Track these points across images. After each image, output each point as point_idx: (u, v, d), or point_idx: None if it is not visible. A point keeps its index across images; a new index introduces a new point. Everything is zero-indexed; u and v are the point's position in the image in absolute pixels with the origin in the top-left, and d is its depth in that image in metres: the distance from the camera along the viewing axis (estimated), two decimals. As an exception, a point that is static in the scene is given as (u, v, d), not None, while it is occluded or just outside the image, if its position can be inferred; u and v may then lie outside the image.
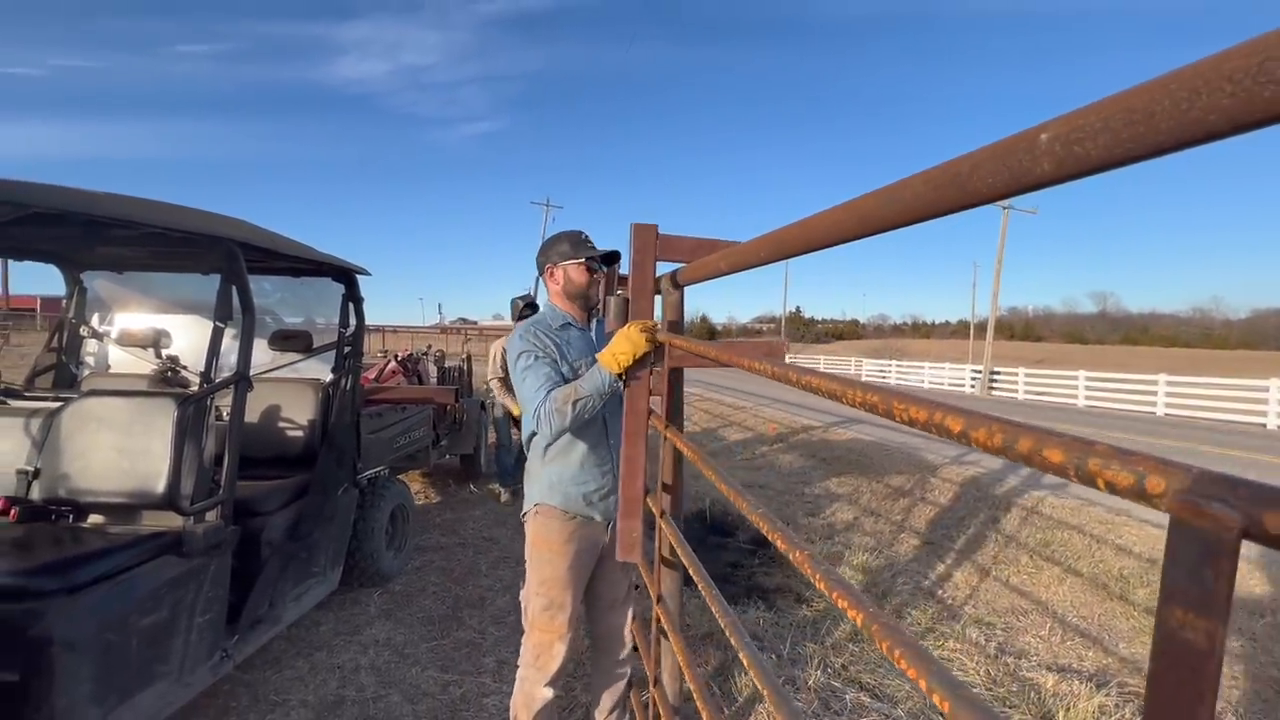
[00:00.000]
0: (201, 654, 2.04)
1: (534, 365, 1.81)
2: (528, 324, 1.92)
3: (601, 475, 1.92)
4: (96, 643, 1.68)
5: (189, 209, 2.00)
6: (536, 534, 1.88)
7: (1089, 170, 0.48)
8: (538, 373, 1.80)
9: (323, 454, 2.74)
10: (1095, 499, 5.22)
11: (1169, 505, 0.41)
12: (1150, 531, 4.38)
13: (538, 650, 1.84)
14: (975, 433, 0.57)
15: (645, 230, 1.80)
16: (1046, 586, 3.70)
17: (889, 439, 8.27)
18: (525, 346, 1.84)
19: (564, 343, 1.90)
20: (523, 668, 1.88)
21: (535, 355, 1.82)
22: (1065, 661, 2.98)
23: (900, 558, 4.24)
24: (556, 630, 1.84)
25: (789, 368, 1.03)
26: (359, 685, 2.50)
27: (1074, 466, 0.47)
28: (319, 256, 2.69)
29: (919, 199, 0.68)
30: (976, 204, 0.63)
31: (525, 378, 1.80)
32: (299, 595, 2.60)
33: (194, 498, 2.01)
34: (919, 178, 0.69)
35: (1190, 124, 0.37)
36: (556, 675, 1.84)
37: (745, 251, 1.24)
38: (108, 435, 2.05)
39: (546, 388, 1.76)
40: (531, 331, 1.88)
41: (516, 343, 1.87)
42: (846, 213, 0.83)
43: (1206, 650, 0.39)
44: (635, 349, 1.68)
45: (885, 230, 0.80)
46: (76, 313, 3.01)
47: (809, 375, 0.98)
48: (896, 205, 0.72)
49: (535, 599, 1.85)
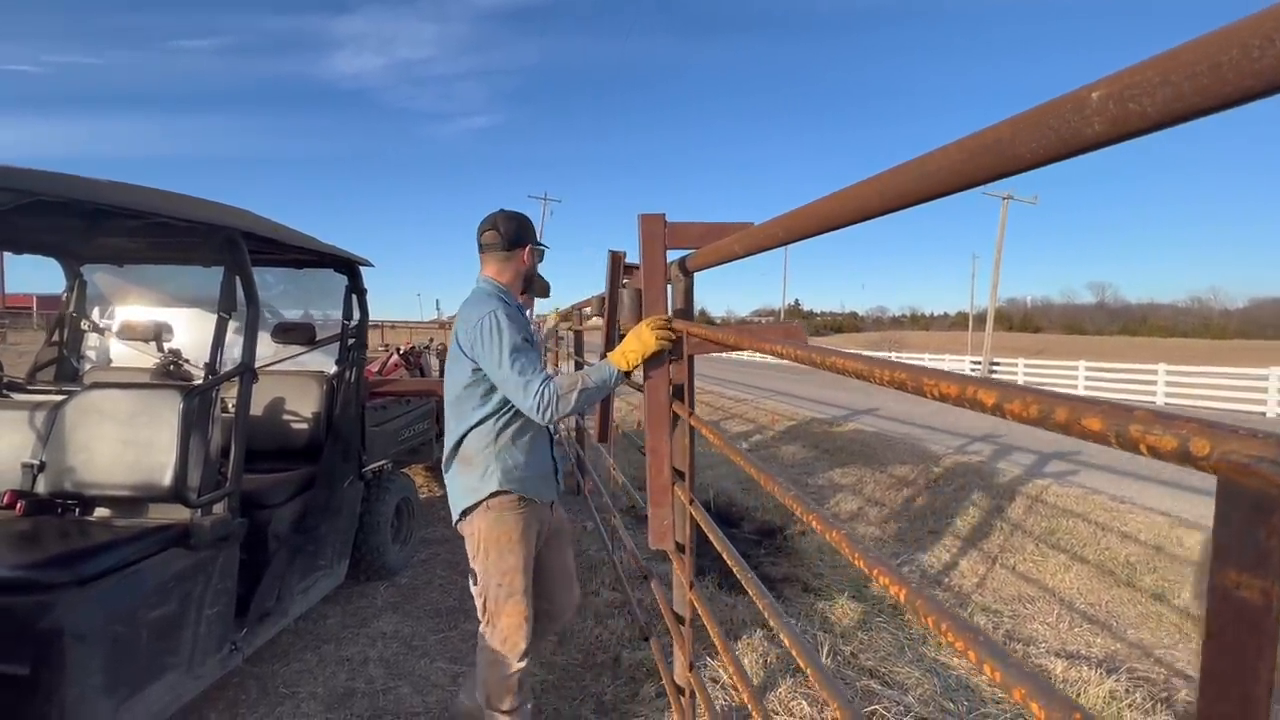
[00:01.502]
0: (211, 646, 2.04)
1: (525, 348, 1.78)
2: (501, 302, 1.83)
3: (549, 456, 1.96)
4: (106, 635, 1.67)
5: (193, 198, 1.98)
6: (495, 527, 1.83)
7: (1146, 128, 0.46)
8: (530, 356, 1.77)
9: (328, 447, 2.72)
10: (1099, 487, 5.22)
11: (1215, 466, 0.40)
12: (1154, 519, 4.38)
13: (505, 634, 1.84)
14: (1010, 405, 0.56)
15: (653, 220, 1.79)
16: (1053, 574, 3.71)
17: (891, 430, 8.27)
18: (513, 327, 1.78)
19: (521, 324, 1.86)
20: (489, 654, 1.86)
21: (524, 337, 1.79)
22: (1074, 648, 2.98)
23: (906, 547, 4.25)
24: (522, 613, 1.85)
25: (814, 349, 1.02)
26: (368, 677, 2.50)
27: (1114, 433, 0.46)
28: (322, 247, 2.67)
29: (952, 169, 0.66)
30: (1017, 171, 0.61)
31: (516, 359, 1.74)
32: (306, 588, 2.59)
33: (200, 490, 2.00)
34: (953, 146, 0.67)
35: (1263, 73, 0.36)
36: (527, 649, 1.87)
37: (761, 233, 1.23)
38: (112, 428, 2.03)
39: (544, 372, 1.75)
40: (511, 310, 1.83)
41: (489, 323, 1.76)
42: (870, 187, 0.81)
43: (1264, 607, 0.38)
44: (645, 349, 1.67)
45: (914, 204, 0.78)
46: (77, 307, 2.99)
47: (834, 356, 0.97)
48: (928, 177, 0.71)
49: (497, 589, 1.83)
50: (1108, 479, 5.56)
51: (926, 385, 0.68)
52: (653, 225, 1.77)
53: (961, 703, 2.48)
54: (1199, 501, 4.85)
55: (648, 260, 1.78)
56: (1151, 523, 4.31)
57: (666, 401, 1.79)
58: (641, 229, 1.78)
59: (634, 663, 2.60)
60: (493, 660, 1.86)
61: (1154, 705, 2.39)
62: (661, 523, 1.84)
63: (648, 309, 1.78)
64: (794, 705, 2.26)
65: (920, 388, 0.71)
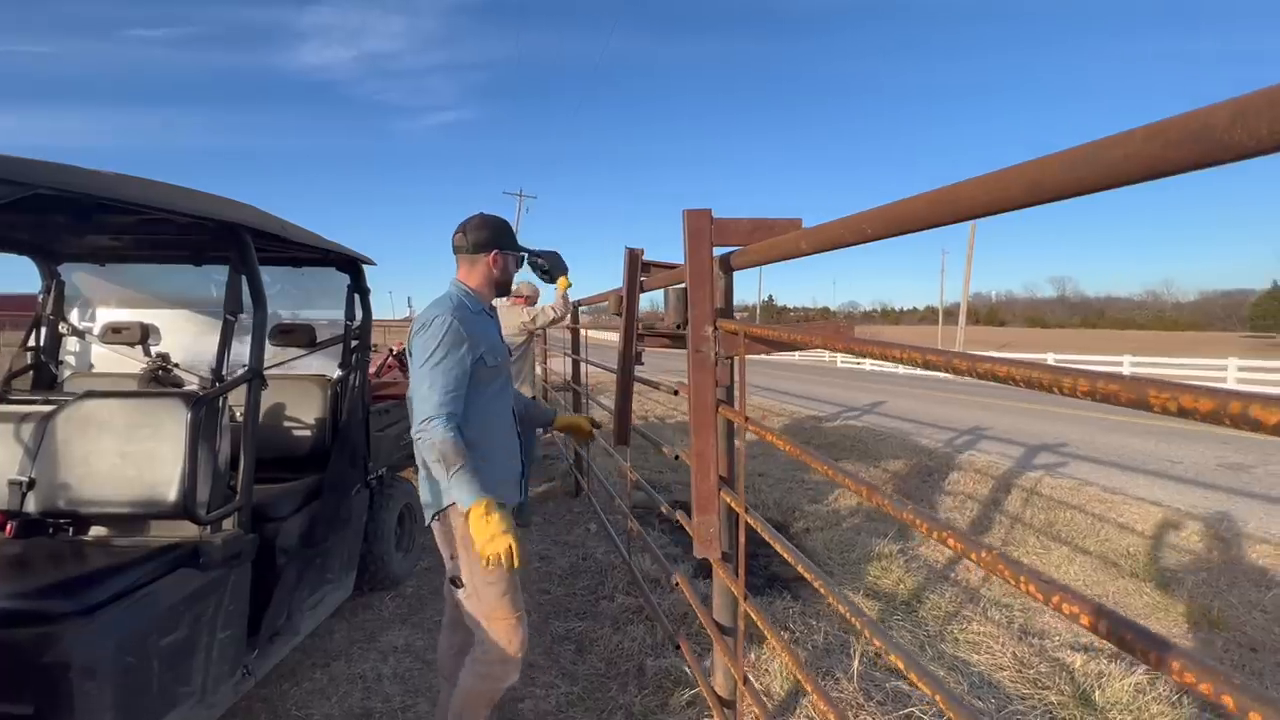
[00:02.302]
0: (224, 672, 1.91)
1: (446, 364, 1.68)
2: (455, 305, 1.78)
3: (515, 462, 1.94)
4: (116, 667, 1.54)
5: (198, 192, 1.83)
6: None
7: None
8: (448, 376, 1.68)
9: (335, 454, 2.59)
10: (1089, 478, 5.33)
11: None
12: (1148, 509, 4.48)
13: (508, 636, 1.79)
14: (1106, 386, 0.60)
15: (699, 215, 1.72)
16: (1057, 566, 3.75)
17: (880, 425, 8.35)
18: (447, 336, 1.70)
19: (478, 332, 1.79)
20: (488, 665, 1.79)
21: (450, 351, 1.69)
22: (1086, 640, 3.01)
23: (910, 542, 4.26)
24: (518, 612, 1.82)
25: (878, 344, 0.98)
26: (384, 695, 2.38)
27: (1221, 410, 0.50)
28: (327, 245, 2.53)
29: (1138, 158, 0.61)
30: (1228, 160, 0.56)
31: (435, 376, 1.67)
32: (315, 604, 2.46)
33: (210, 506, 1.86)
34: (1139, 133, 0.61)
35: None
36: (522, 659, 1.84)
37: (842, 229, 1.16)
38: (110, 440, 1.88)
39: (449, 406, 1.66)
40: (459, 317, 1.74)
41: (438, 325, 1.71)
42: (1014, 176, 0.75)
43: None
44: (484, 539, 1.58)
45: (1072, 196, 0.72)
46: (54, 309, 2.79)
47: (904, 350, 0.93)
48: (1098, 166, 0.65)
49: (489, 588, 1.77)
50: (1095, 470, 5.68)
51: (1015, 375, 0.71)
52: (698, 221, 1.70)
53: (989, 700, 2.47)
54: (1187, 490, 4.99)
55: (693, 257, 1.70)
56: (1146, 513, 4.40)
57: (713, 405, 1.72)
58: (687, 225, 1.71)
59: (660, 671, 2.53)
60: (486, 673, 1.80)
61: (1179, 697, 2.41)
62: (708, 530, 1.77)
63: (693, 307, 1.71)
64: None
65: (1011, 377, 0.71)
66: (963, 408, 10.61)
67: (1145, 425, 8.68)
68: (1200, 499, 4.74)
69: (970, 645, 2.92)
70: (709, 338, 1.69)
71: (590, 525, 4.36)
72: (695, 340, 1.69)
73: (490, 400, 1.85)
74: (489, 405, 1.84)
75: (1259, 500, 4.74)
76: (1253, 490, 5.00)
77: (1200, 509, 4.48)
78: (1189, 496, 4.80)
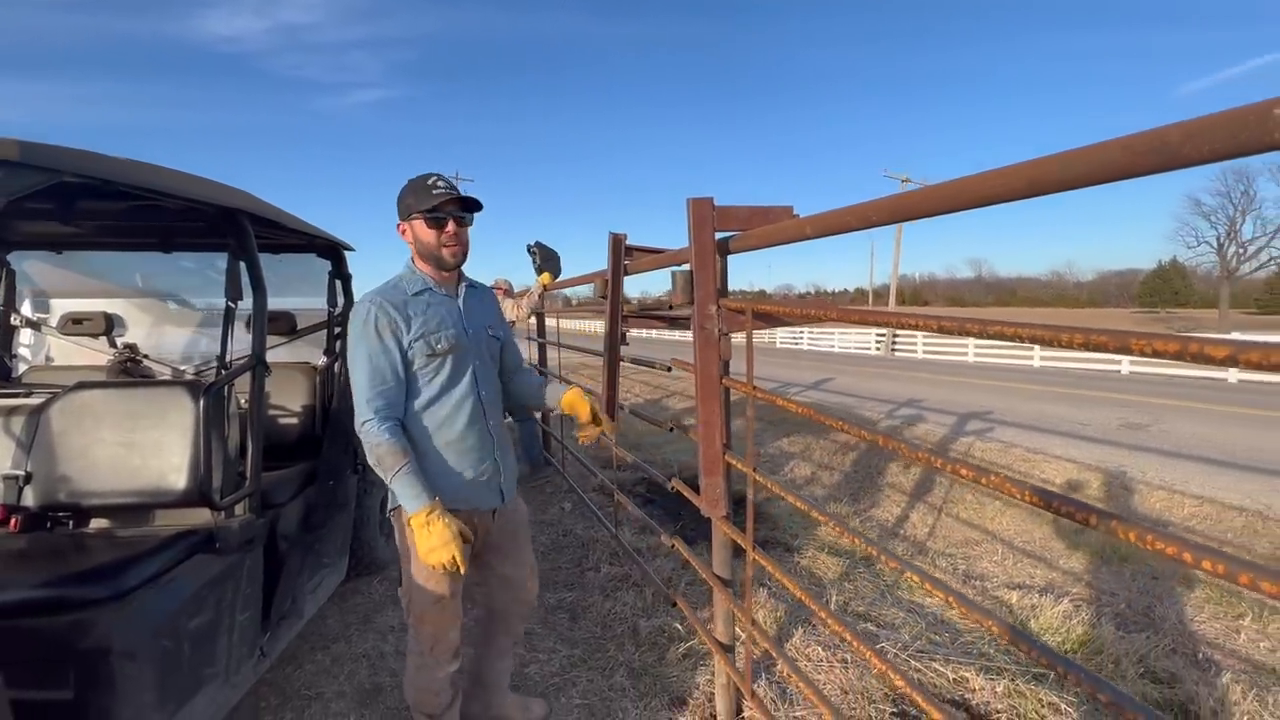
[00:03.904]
0: (244, 653, 1.94)
1: (367, 358, 1.59)
2: (382, 290, 1.68)
3: (481, 460, 1.74)
4: (151, 650, 1.56)
5: (197, 177, 1.82)
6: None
7: None
8: (372, 371, 1.59)
9: (327, 439, 2.60)
10: (1015, 441, 5.89)
11: None
12: (1064, 465, 5.03)
13: (433, 640, 1.74)
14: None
15: (702, 203, 1.86)
16: (992, 519, 4.19)
17: (825, 400, 8.82)
18: (365, 328, 1.61)
19: (415, 313, 1.65)
20: (416, 657, 1.77)
21: (369, 344, 1.60)
22: (1020, 580, 3.41)
23: (863, 504, 4.62)
24: (448, 620, 1.75)
25: (861, 312, 1.14)
26: (391, 671, 2.45)
27: None
28: (312, 230, 2.52)
29: (1114, 163, 0.79)
30: (1179, 168, 0.75)
31: (356, 375, 1.61)
32: (315, 587, 2.49)
33: (223, 491, 1.88)
34: (1116, 143, 0.79)
35: None
36: (455, 653, 1.80)
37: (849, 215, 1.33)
38: (110, 431, 1.86)
39: (377, 403, 1.58)
40: (384, 301, 1.63)
41: (354, 317, 1.64)
42: (1016, 172, 0.93)
43: None
44: (427, 547, 1.56)
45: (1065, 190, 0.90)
46: (5, 299, 2.64)
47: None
48: (1088, 165, 0.83)
49: (420, 593, 1.71)
50: (1019, 433, 6.28)
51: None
52: (702, 208, 1.85)
53: (944, 634, 2.79)
54: (1095, 448, 5.61)
55: (698, 243, 1.85)
56: (1064, 469, 4.94)
57: (718, 376, 1.89)
58: (691, 212, 1.85)
59: (654, 630, 2.71)
60: (418, 665, 1.78)
61: (1099, 619, 2.81)
62: (714, 491, 1.95)
63: (699, 288, 1.86)
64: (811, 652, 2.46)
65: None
66: (897, 382, 11.30)
67: (1056, 394, 9.57)
68: (1107, 455, 5.37)
69: (923, 590, 3.24)
70: (713, 315, 1.85)
71: (565, 504, 4.48)
72: (700, 318, 1.84)
73: (441, 391, 1.68)
74: (441, 396, 1.67)
75: (1154, 454, 5.40)
76: (1149, 445, 5.69)
77: (1108, 463, 5.08)
78: (1098, 453, 5.41)
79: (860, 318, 1.47)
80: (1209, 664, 2.53)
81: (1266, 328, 34.69)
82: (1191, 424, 6.72)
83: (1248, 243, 44.61)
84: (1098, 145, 0.81)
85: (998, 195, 0.99)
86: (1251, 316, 48.77)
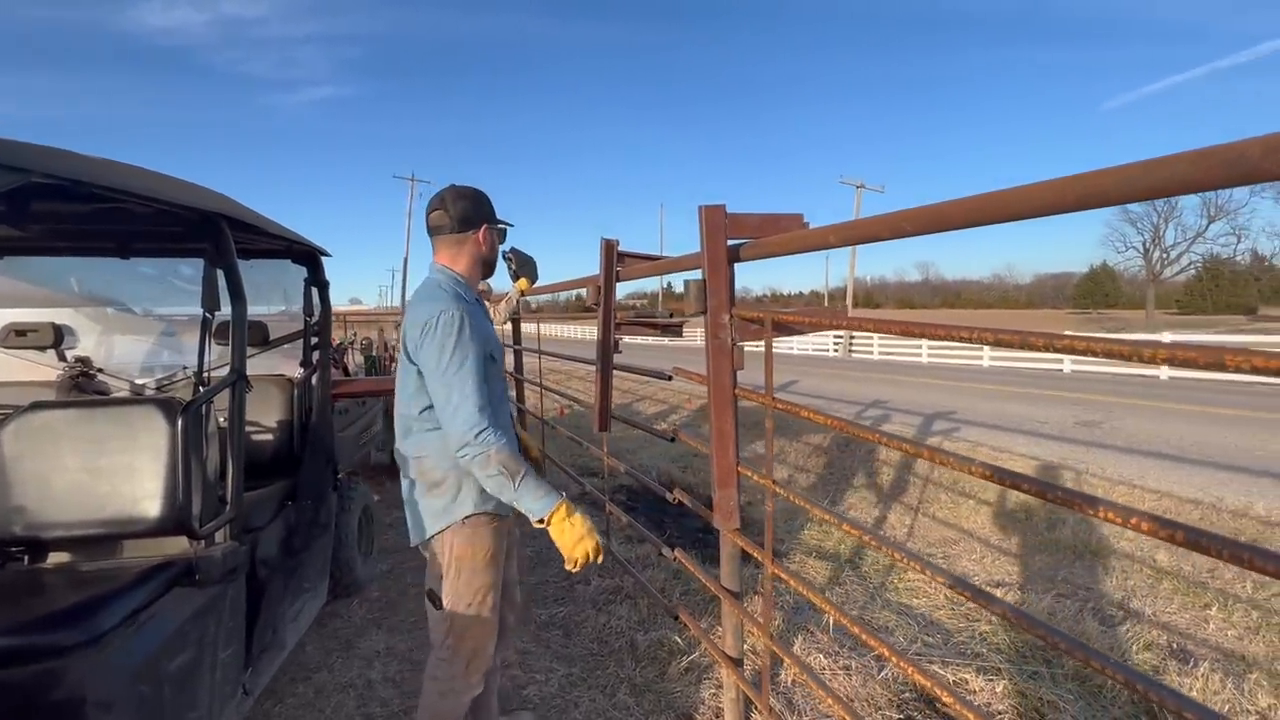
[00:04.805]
0: (226, 692, 1.79)
1: (470, 364, 1.54)
2: (459, 300, 1.61)
3: None
4: (131, 696, 1.42)
5: (174, 178, 1.68)
6: (469, 544, 1.66)
7: None
8: (477, 378, 1.54)
9: (307, 457, 2.45)
10: (980, 440, 6.08)
11: None
12: (1029, 463, 5.22)
13: (472, 655, 1.70)
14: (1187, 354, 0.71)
15: (715, 211, 1.83)
16: (967, 518, 4.30)
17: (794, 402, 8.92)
18: (462, 332, 1.54)
19: (481, 324, 1.67)
20: (445, 682, 1.71)
21: (470, 350, 1.55)
22: (1000, 577, 3.50)
23: (842, 506, 4.68)
24: (490, 632, 1.73)
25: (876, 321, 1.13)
26: (381, 700, 2.32)
27: None
28: (291, 236, 2.37)
29: (1182, 178, 0.79)
30: (1257, 182, 0.75)
31: (462, 381, 1.53)
32: (297, 614, 2.34)
33: (203, 518, 1.74)
34: (1185, 156, 0.79)
35: None
36: (486, 672, 1.77)
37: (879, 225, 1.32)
38: (71, 455, 1.69)
39: (489, 409, 1.53)
40: (475, 310, 1.63)
41: (447, 322, 1.54)
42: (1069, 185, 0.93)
43: None
44: (570, 541, 1.55)
45: (1117, 204, 0.90)
46: (-64, 309, 2.39)
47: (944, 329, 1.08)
48: (1151, 180, 0.82)
49: (467, 609, 1.67)
50: (983, 432, 6.50)
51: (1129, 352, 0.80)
52: (715, 216, 1.81)
53: (936, 635, 2.83)
54: (1055, 445, 5.85)
55: (711, 250, 1.81)
56: (1028, 466, 5.12)
57: (730, 385, 1.85)
58: (704, 220, 1.81)
59: (651, 643, 2.66)
60: (449, 689, 1.71)
61: (1081, 613, 2.90)
62: (728, 503, 1.91)
63: (712, 296, 1.82)
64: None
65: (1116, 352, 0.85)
66: (860, 384, 11.57)
67: (1011, 393, 9.96)
68: (1067, 451, 5.60)
69: (910, 593, 3.29)
70: (726, 324, 1.81)
71: (545, 514, 4.38)
72: (714, 327, 1.81)
73: (500, 400, 1.70)
74: (494, 403, 1.66)
75: (1110, 450, 5.66)
76: (1105, 442, 5.96)
77: (1069, 460, 5.30)
78: (1059, 450, 5.64)
79: (875, 327, 1.46)
80: (1185, 654, 2.63)
81: (1187, 326, 37.28)
82: (1138, 421, 7.09)
83: (1170, 248, 47.83)
84: (1165, 159, 0.81)
85: (1049, 207, 0.99)
86: (1173, 316, 52.19)
